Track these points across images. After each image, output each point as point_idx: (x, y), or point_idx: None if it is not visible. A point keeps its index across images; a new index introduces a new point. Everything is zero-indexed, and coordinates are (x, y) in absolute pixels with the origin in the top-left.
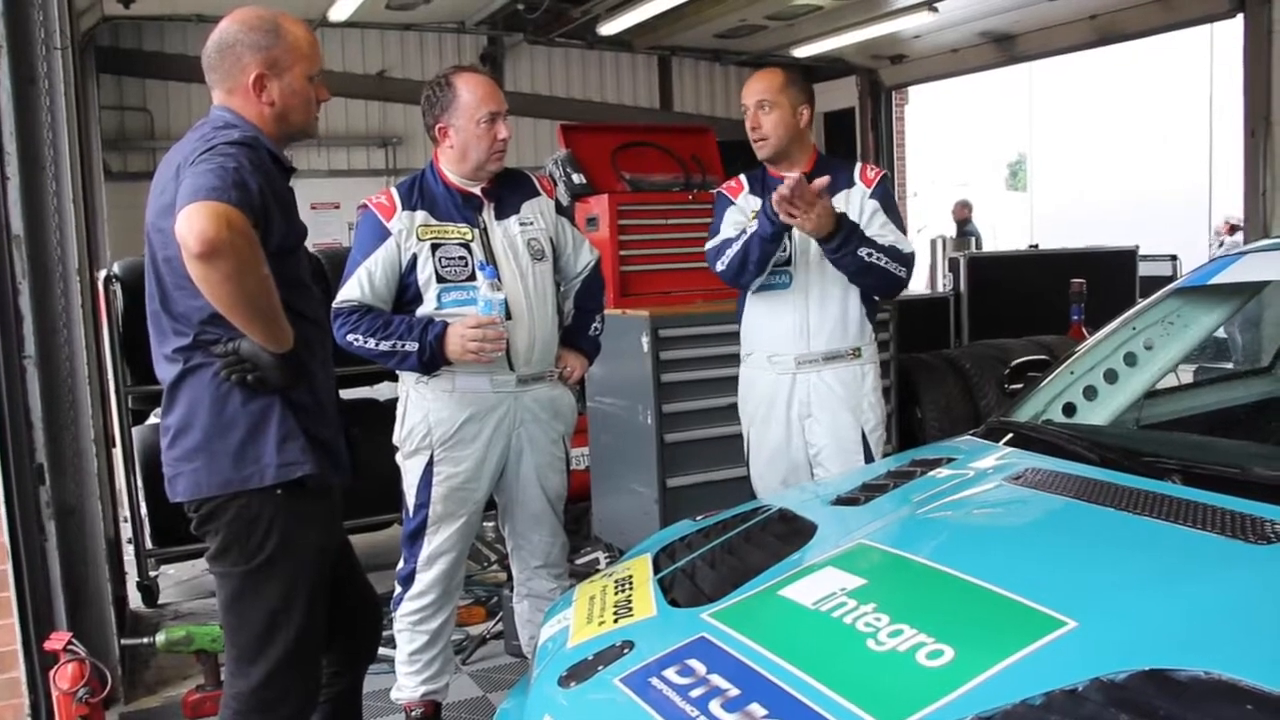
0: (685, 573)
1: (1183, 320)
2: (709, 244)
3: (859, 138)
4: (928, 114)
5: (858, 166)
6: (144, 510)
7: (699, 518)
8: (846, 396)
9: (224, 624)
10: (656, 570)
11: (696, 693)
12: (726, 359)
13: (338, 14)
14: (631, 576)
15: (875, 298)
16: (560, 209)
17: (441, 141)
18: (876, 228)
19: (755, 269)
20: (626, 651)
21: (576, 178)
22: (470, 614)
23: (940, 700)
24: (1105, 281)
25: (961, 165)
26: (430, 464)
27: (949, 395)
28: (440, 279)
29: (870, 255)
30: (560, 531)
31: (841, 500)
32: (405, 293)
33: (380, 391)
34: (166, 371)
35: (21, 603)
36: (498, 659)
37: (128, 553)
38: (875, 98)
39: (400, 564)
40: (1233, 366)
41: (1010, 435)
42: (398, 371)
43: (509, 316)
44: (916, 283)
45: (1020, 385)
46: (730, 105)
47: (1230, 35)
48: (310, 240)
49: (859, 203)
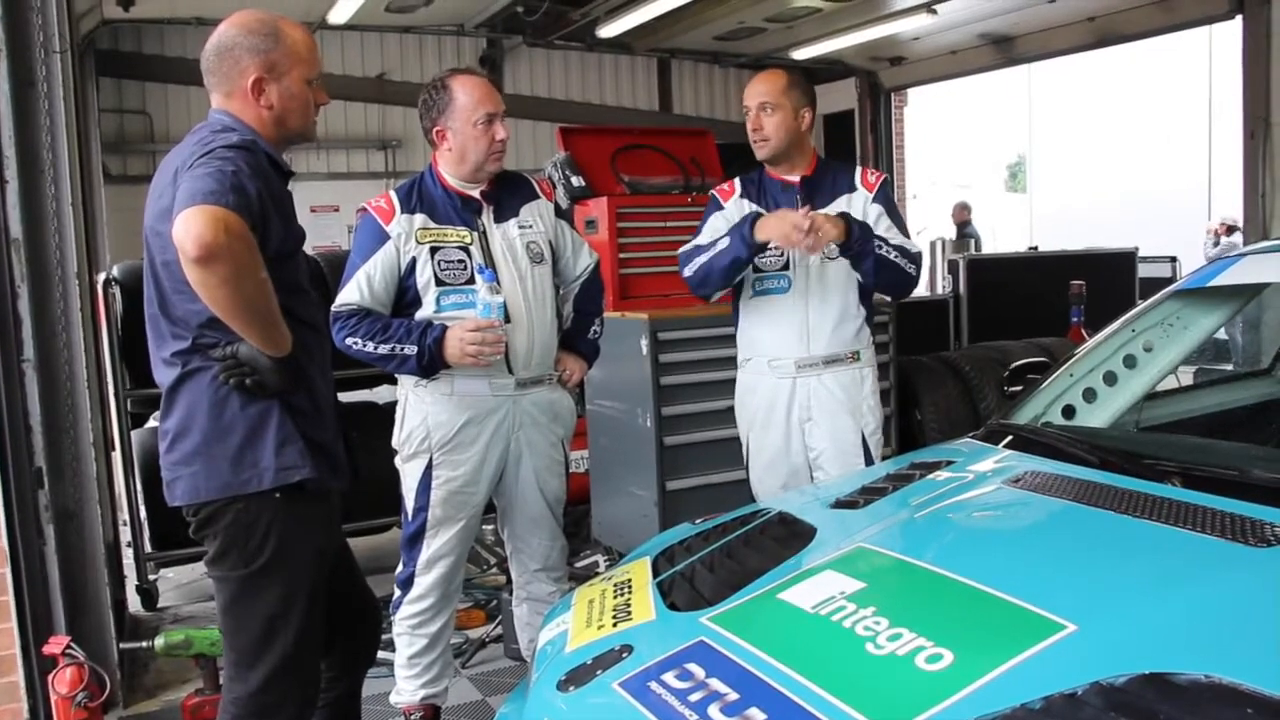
0: (684, 576)
1: (1182, 322)
2: (683, 246)
3: (858, 140)
4: (927, 116)
5: (858, 170)
6: (143, 514)
7: (698, 521)
8: (846, 400)
9: (222, 628)
10: (655, 574)
11: (695, 697)
12: (726, 362)
13: (337, 17)
14: (630, 580)
15: (887, 298)
16: (559, 212)
17: (440, 144)
18: (882, 231)
19: (718, 282)
20: (625, 655)
21: (576, 180)
22: (469, 617)
23: (939, 704)
24: (1105, 283)
25: (961, 167)
26: (429, 467)
27: (948, 398)
28: (439, 282)
29: (884, 249)
30: (559, 535)
31: (841, 503)
32: (404, 296)
33: (380, 395)
34: (165, 375)
35: (20, 607)
36: (497, 662)
37: (127, 556)
38: (875, 99)
39: (399, 567)
40: (1232, 368)
41: (1010, 438)
42: (397, 375)
43: (508, 320)
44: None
45: (1020, 388)
46: (730, 107)
47: (1229, 37)
48: (310, 243)
49: (861, 208)
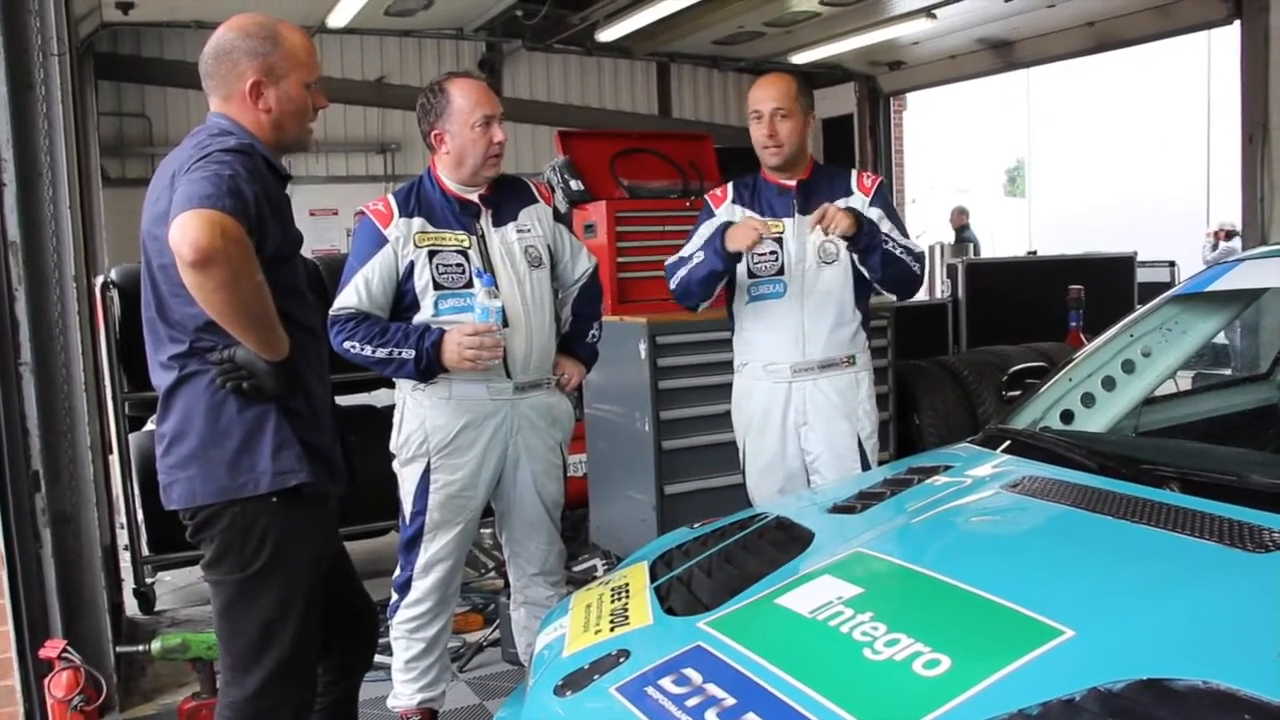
0: (682, 581)
1: (1181, 327)
2: (670, 258)
3: (857, 144)
4: (926, 120)
5: (854, 174)
6: (140, 517)
7: (696, 525)
8: (842, 404)
9: (219, 632)
10: (653, 578)
11: (692, 702)
12: (724, 366)
13: (337, 20)
14: (628, 584)
15: (892, 297)
16: (558, 216)
17: (438, 148)
18: (885, 232)
19: (699, 294)
20: (622, 660)
21: (575, 184)
22: (467, 621)
23: (937, 710)
24: (1103, 288)
25: (960, 171)
26: (427, 471)
27: (947, 402)
28: (437, 286)
29: (890, 245)
30: (557, 539)
31: (839, 508)
32: (402, 300)
33: (378, 398)
34: (162, 379)
35: (17, 610)
36: (494, 666)
37: (124, 560)
38: (874, 104)
39: (397, 571)
40: (1231, 373)
41: (1008, 443)
42: (394, 379)
43: (506, 324)
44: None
45: (1018, 392)
46: (729, 111)
47: (1228, 41)
48: (309, 247)
49: (859, 211)
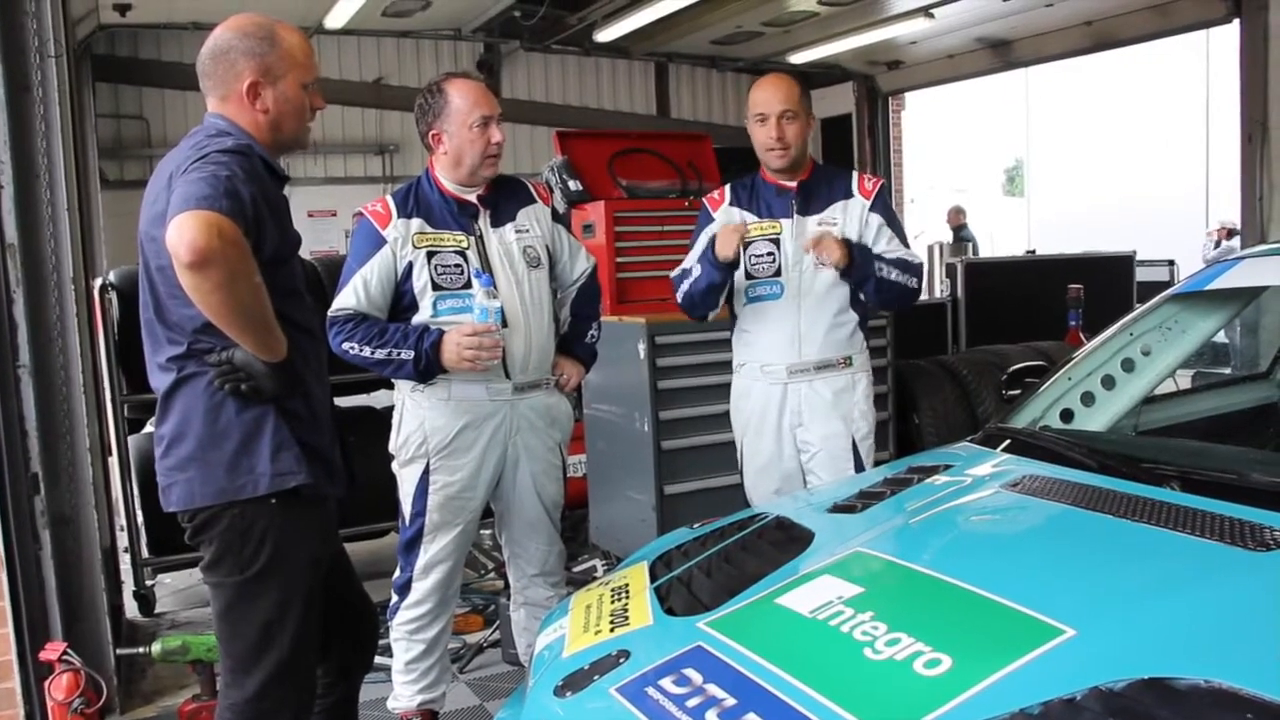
0: (682, 581)
1: (1180, 326)
2: (676, 269)
3: (856, 144)
4: (925, 120)
5: (854, 176)
6: (140, 519)
7: (696, 525)
8: (837, 405)
9: (218, 634)
10: (653, 578)
11: (693, 702)
12: (723, 366)
13: (334, 21)
14: (628, 585)
15: (889, 310)
16: (556, 216)
17: (436, 148)
18: (884, 243)
19: (705, 305)
20: (622, 661)
21: (573, 184)
22: (467, 622)
23: (937, 710)
24: (1103, 287)
25: (959, 171)
26: (426, 472)
27: (946, 402)
28: (436, 286)
29: (884, 271)
30: (557, 539)
31: (839, 508)
32: (401, 300)
33: (377, 399)
34: (160, 380)
35: (16, 612)
36: (494, 667)
37: (124, 561)
38: (872, 103)
39: (396, 573)
40: (1231, 372)
41: (1008, 442)
42: (393, 380)
43: (505, 324)
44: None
45: (1018, 391)
46: (727, 111)
47: (1227, 40)
48: (307, 248)
49: (859, 214)
